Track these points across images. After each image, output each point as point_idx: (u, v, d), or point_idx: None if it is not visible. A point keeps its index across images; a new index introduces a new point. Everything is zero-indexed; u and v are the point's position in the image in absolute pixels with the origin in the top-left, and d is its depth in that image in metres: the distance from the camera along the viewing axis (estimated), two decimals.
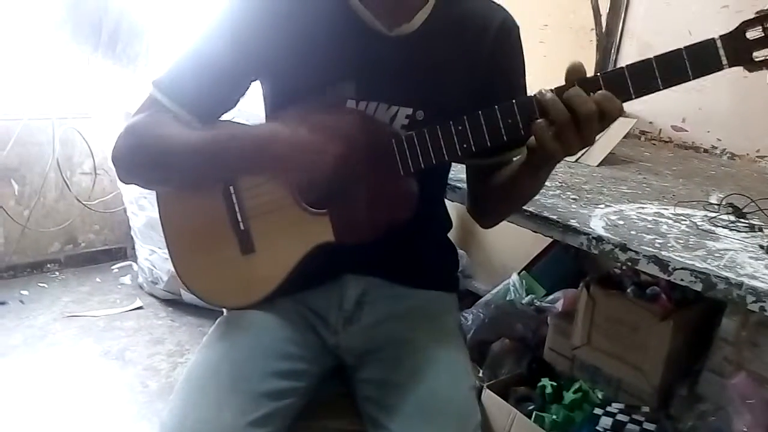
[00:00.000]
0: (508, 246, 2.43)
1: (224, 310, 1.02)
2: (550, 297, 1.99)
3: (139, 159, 0.92)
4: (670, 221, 1.10)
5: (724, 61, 0.76)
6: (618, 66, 2.13)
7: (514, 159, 0.99)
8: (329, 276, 1.00)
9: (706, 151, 1.93)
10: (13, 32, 2.52)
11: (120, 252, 2.97)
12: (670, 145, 2.00)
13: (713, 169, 1.72)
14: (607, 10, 2.10)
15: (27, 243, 2.75)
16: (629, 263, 0.94)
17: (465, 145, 0.86)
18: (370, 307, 1.00)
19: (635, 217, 1.11)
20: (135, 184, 0.98)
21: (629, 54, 2.08)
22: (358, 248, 0.91)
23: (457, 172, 1.19)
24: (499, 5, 1.00)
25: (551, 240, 2.05)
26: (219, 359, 0.90)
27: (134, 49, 2.69)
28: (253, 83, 0.98)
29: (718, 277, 0.86)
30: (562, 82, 0.82)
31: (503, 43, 0.98)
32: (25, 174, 2.69)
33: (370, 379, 0.94)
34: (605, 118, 0.77)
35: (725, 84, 1.79)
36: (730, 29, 0.77)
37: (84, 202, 2.84)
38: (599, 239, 0.98)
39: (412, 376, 0.89)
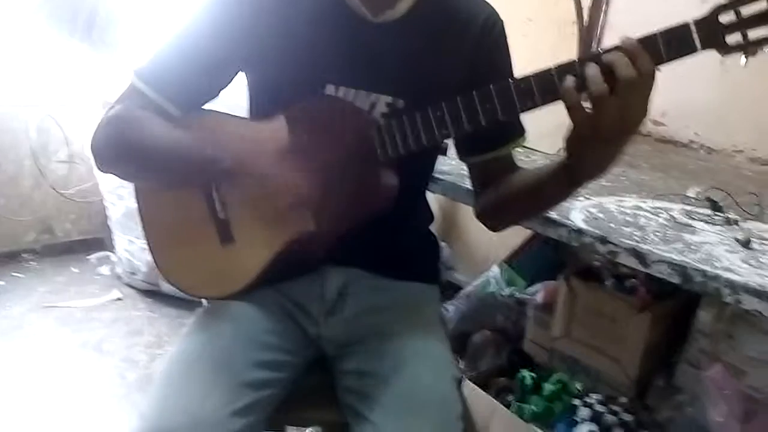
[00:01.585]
0: (490, 238, 2.44)
1: (204, 300, 1.01)
2: (531, 289, 2.01)
3: (119, 152, 0.90)
4: (648, 214, 1.11)
5: (697, 44, 0.76)
6: None
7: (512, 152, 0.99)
8: (310, 266, 0.99)
9: (684, 145, 1.95)
10: None
11: (97, 242, 2.92)
12: (649, 138, 2.02)
13: (691, 163, 1.74)
14: (589, 4, 2.11)
15: (2, 232, 2.69)
16: (609, 255, 0.95)
17: (444, 131, 0.84)
18: (352, 299, 1.00)
19: (614, 210, 1.12)
20: (113, 175, 0.97)
21: None
22: (340, 239, 0.91)
23: (440, 164, 1.19)
24: (484, 0, 1.00)
25: (532, 233, 2.07)
26: (200, 349, 0.89)
27: (111, 36, 2.64)
28: (236, 72, 0.97)
29: (695, 269, 0.87)
30: None
31: (487, 37, 0.97)
32: (1, 163, 2.63)
33: (352, 370, 0.94)
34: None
35: (704, 80, 1.81)
36: (705, 13, 0.77)
37: (60, 191, 2.79)
38: (579, 232, 0.99)
39: (393, 367, 0.89)
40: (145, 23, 2.67)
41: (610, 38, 2.10)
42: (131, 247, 2.56)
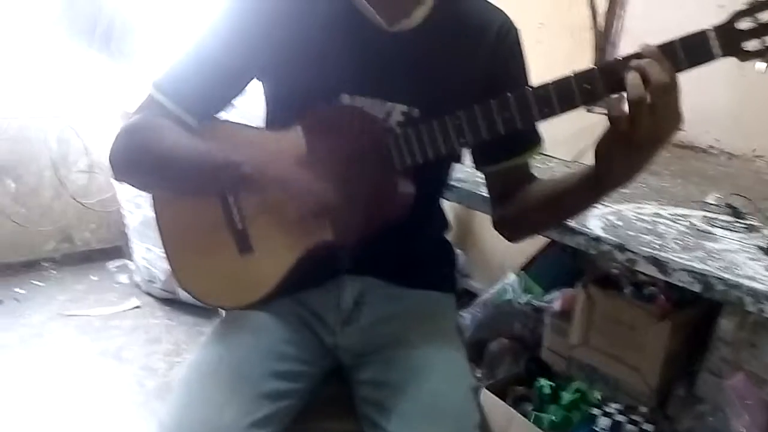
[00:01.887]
0: (506, 245, 2.41)
1: (222, 310, 1.02)
2: (548, 296, 1.99)
3: (136, 162, 0.91)
4: (668, 222, 1.10)
5: (717, 51, 0.76)
6: None
7: (528, 161, 0.99)
8: (327, 276, 0.99)
9: (703, 150, 1.93)
10: (9, 31, 2.50)
11: (116, 250, 2.96)
12: (668, 144, 2.00)
13: (711, 168, 1.72)
14: (605, 10, 2.10)
15: (23, 241, 2.73)
16: (627, 264, 0.94)
17: (462, 140, 0.84)
18: (368, 308, 1.00)
19: (633, 217, 1.10)
20: (130, 185, 0.98)
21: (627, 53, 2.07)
22: (357, 248, 0.91)
23: (455, 172, 1.19)
24: (497, 7, 1.00)
25: (549, 239, 2.06)
26: (218, 359, 0.89)
27: (128, 46, 2.68)
28: (251, 81, 0.98)
29: (717, 278, 0.86)
30: None
31: (502, 44, 0.97)
32: (21, 172, 2.68)
33: (368, 380, 0.94)
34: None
35: (723, 84, 1.79)
36: (723, 20, 0.77)
37: (80, 201, 2.83)
38: (597, 239, 0.97)
39: (410, 377, 0.89)
40: (162, 33, 2.70)
41: (626, 44, 2.08)
42: (149, 255, 2.58)
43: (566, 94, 0.78)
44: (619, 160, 0.77)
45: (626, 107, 0.72)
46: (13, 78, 2.55)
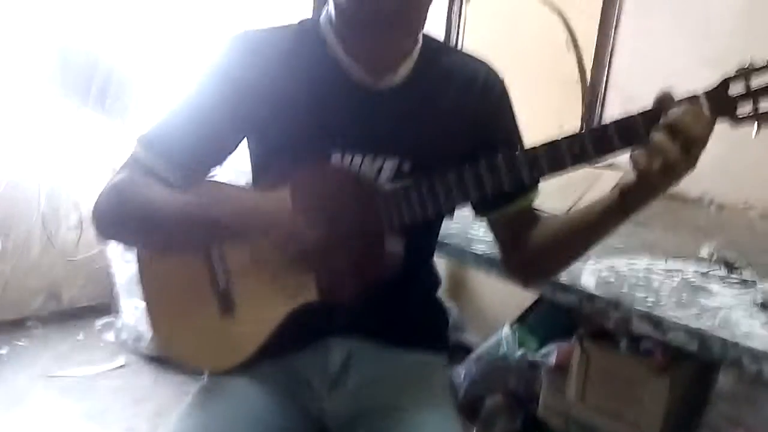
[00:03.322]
0: (500, 297, 2.40)
1: (204, 374, 0.98)
2: (543, 350, 1.95)
3: (119, 220, 0.90)
4: (661, 276, 1.08)
5: (708, 113, 0.76)
6: (603, 120, 2.16)
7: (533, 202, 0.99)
8: (313, 338, 0.96)
9: (694, 201, 1.93)
10: (1, 86, 2.52)
11: (104, 308, 2.89)
12: None
13: (702, 220, 1.71)
14: (591, 64, 2.14)
15: (8, 299, 2.68)
16: (622, 322, 0.92)
17: (449, 201, 0.85)
18: (356, 370, 0.97)
19: (626, 272, 1.09)
20: (114, 241, 0.96)
21: (614, 106, 2.10)
22: (343, 308, 0.88)
23: (446, 228, 1.17)
24: (482, 59, 1.01)
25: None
26: (195, 431, 0.85)
27: (123, 103, 2.70)
28: (240, 142, 0.97)
29: (714, 337, 0.84)
30: (548, 134, 0.82)
31: (489, 94, 0.98)
32: (9, 229, 2.64)
33: None
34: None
35: (713, 134, 1.80)
36: (713, 85, 0.78)
37: (68, 258, 2.79)
38: (590, 297, 0.96)
39: None
40: (158, 91, 2.73)
41: (613, 98, 2.11)
42: (137, 312, 2.53)
43: (557, 158, 0.80)
44: (643, 200, 0.82)
45: (656, 161, 0.74)
46: (3, 134, 2.55)
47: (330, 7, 0.92)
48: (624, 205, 0.83)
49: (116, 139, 2.64)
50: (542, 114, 2.17)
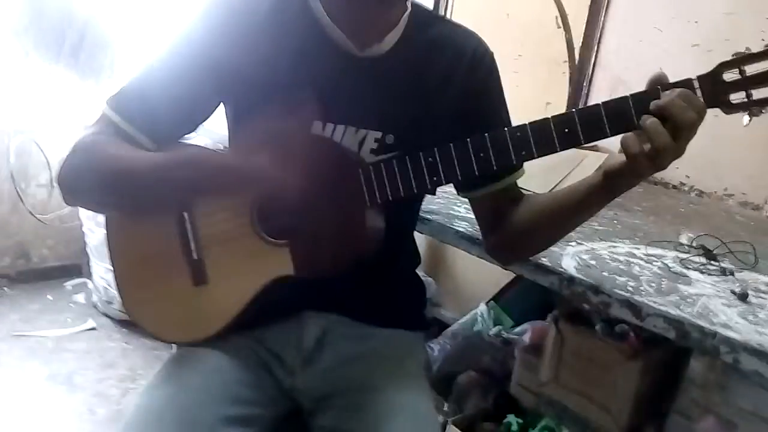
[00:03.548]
0: (478, 274, 2.40)
1: (174, 346, 0.96)
2: (518, 329, 1.95)
3: (85, 180, 0.86)
4: (642, 262, 1.07)
5: (701, 100, 0.75)
6: (590, 100, 2.13)
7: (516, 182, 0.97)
8: (288, 312, 0.94)
9: (675, 187, 1.93)
10: None
11: (74, 269, 2.84)
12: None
13: (682, 206, 1.71)
14: (580, 44, 2.11)
15: None
16: (601, 306, 0.91)
17: (435, 178, 0.83)
18: (331, 347, 0.95)
19: (607, 256, 1.08)
20: (82, 206, 0.92)
21: (601, 87, 2.08)
22: (320, 283, 0.86)
23: (427, 203, 1.15)
24: (471, 31, 0.98)
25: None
26: (164, 404, 0.82)
27: (98, 61, 2.61)
28: (215, 108, 0.93)
29: (692, 325, 0.83)
30: (536, 112, 0.80)
31: (478, 68, 0.95)
32: None
33: (329, 427, 0.89)
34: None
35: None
36: (707, 70, 0.76)
37: (38, 216, 2.72)
38: (571, 280, 0.94)
39: (373, 425, 0.84)
40: (134, 49, 2.64)
41: (600, 78, 2.09)
42: (108, 275, 2.48)
43: (546, 138, 0.78)
44: (628, 183, 0.81)
45: (646, 146, 0.73)
46: None
47: None
48: (609, 187, 0.82)
49: (89, 97, 2.56)
50: (529, 91, 2.15)
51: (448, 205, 1.23)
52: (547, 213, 0.92)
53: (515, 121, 0.94)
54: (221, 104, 0.94)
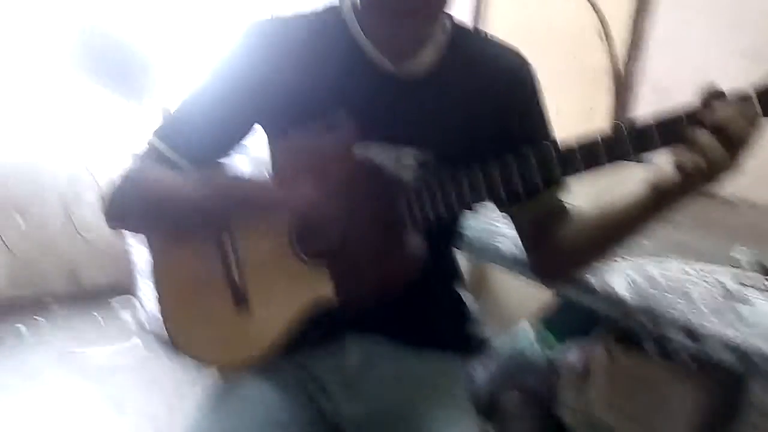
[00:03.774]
0: (520, 291, 2.35)
1: (216, 373, 0.95)
2: (564, 348, 1.90)
3: (129, 206, 0.89)
4: (695, 280, 1.03)
5: (758, 111, 0.71)
6: (635, 111, 2.08)
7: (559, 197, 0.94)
8: (329, 335, 0.93)
9: (725, 198, 1.86)
10: (24, 68, 2.52)
11: (122, 288, 2.91)
12: None
13: (733, 219, 1.65)
14: (624, 55, 2.06)
15: (28, 277, 2.70)
16: (656, 330, 0.87)
17: (476, 196, 0.81)
18: (373, 371, 0.93)
19: (658, 275, 1.04)
20: (127, 230, 0.94)
21: (647, 99, 2.03)
22: (361, 306, 0.85)
23: (467, 219, 1.13)
24: (512, 48, 0.96)
25: None
26: None
27: (142, 84, 2.68)
28: (255, 126, 0.94)
29: (753, 349, 0.79)
30: (578, 125, 0.77)
31: (518, 84, 0.93)
32: (30, 208, 2.66)
33: None
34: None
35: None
36: (758, 78, 0.72)
37: (87, 237, 2.80)
38: (620, 302, 0.91)
39: None
40: (177, 72, 2.71)
41: (645, 89, 2.04)
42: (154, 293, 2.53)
43: (592, 154, 0.75)
44: (679, 198, 0.79)
45: (699, 161, 0.70)
46: (27, 115, 2.55)
47: None
48: (658, 202, 0.79)
49: (136, 120, 2.63)
50: (571, 105, 2.11)
51: (489, 222, 1.21)
52: (593, 230, 0.89)
53: (559, 133, 0.91)
54: (257, 124, 0.94)
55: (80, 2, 2.55)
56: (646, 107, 2.04)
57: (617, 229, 0.86)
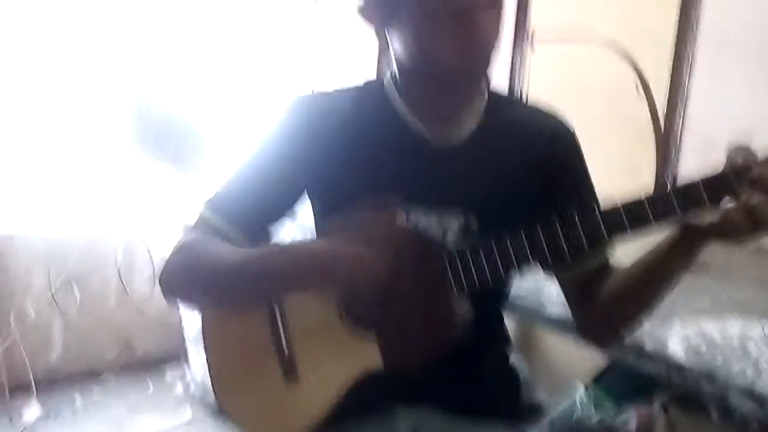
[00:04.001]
0: (572, 352, 2.28)
1: None
2: (621, 412, 1.82)
3: (185, 277, 0.91)
4: (758, 342, 0.99)
5: None
6: (679, 167, 2.03)
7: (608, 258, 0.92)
8: (378, 407, 0.92)
9: None
10: (79, 141, 2.66)
11: (175, 359, 2.95)
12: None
13: None
14: (665, 107, 2.05)
15: (84, 350, 2.76)
16: (718, 396, 0.83)
17: (523, 262, 0.81)
18: None
19: (718, 337, 1.00)
20: (183, 304, 0.97)
21: (692, 152, 1.99)
22: (410, 376, 0.84)
23: (516, 285, 1.11)
24: (550, 111, 0.98)
25: None
26: None
27: (198, 159, 2.79)
28: (303, 196, 0.97)
29: None
30: (622, 184, 0.77)
31: (557, 145, 0.94)
32: (87, 282, 2.75)
33: None
34: None
35: None
36: None
37: (142, 309, 2.87)
38: (681, 368, 0.87)
39: None
40: (230, 148, 2.82)
41: (690, 144, 2.00)
42: (205, 365, 2.55)
43: (640, 217, 0.75)
44: (717, 243, 0.76)
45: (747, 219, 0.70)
46: (83, 188, 2.68)
47: (394, 67, 0.92)
48: (694, 244, 0.78)
49: (190, 194, 2.73)
50: (615, 163, 2.09)
51: (538, 286, 1.20)
52: (632, 279, 0.87)
53: (604, 189, 0.91)
54: (304, 196, 0.97)
55: (136, 75, 2.70)
56: (691, 160, 2.00)
57: (654, 274, 0.84)
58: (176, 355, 2.95)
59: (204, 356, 0.97)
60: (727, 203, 0.72)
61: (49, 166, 2.62)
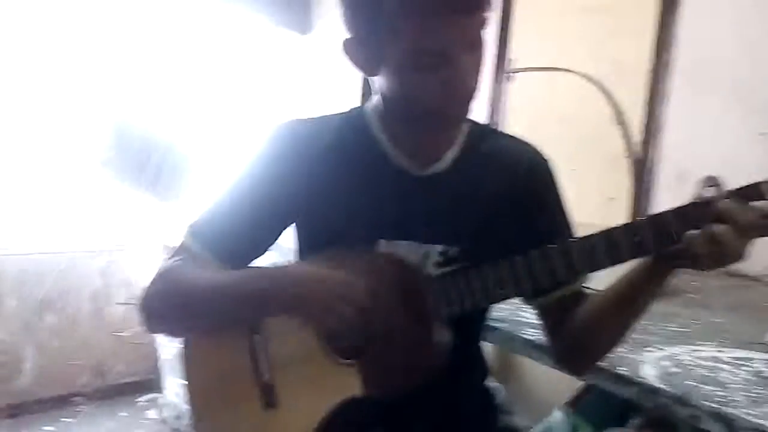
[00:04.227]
0: (550, 378, 2.29)
1: None
2: None
3: (163, 307, 0.91)
4: (729, 367, 1.01)
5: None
6: (656, 194, 2.07)
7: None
8: None
9: (754, 279, 1.83)
10: (57, 164, 2.63)
11: (148, 383, 2.89)
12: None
13: (764, 299, 1.62)
14: (641, 137, 2.09)
15: (56, 375, 2.70)
16: (690, 420, 0.85)
17: (501, 291, 0.83)
18: None
19: (690, 362, 1.02)
20: (165, 333, 0.97)
21: (666, 181, 2.04)
22: (389, 401, 0.85)
23: (494, 310, 1.13)
24: (527, 142, 1.00)
25: None
26: None
27: (176, 186, 2.78)
28: (284, 230, 0.98)
29: None
30: (595, 210, 0.80)
31: (534, 176, 0.97)
32: (62, 306, 2.71)
33: None
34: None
35: None
36: None
37: (117, 333, 2.82)
38: (653, 391, 0.89)
39: None
40: (211, 173, 2.81)
41: (665, 172, 2.05)
42: (180, 389, 2.52)
43: (614, 249, 0.77)
44: (683, 270, 0.81)
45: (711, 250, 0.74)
46: (60, 213, 2.65)
47: (377, 98, 0.94)
48: (663, 272, 0.82)
49: (168, 218, 2.71)
50: (590, 191, 2.13)
51: (516, 313, 1.21)
52: (605, 307, 0.89)
53: (580, 220, 0.93)
54: (288, 227, 0.98)
55: (115, 100, 2.69)
56: (666, 190, 2.05)
57: (625, 300, 0.86)
58: (149, 380, 2.90)
59: (180, 382, 0.96)
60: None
61: (24, 188, 2.59)
